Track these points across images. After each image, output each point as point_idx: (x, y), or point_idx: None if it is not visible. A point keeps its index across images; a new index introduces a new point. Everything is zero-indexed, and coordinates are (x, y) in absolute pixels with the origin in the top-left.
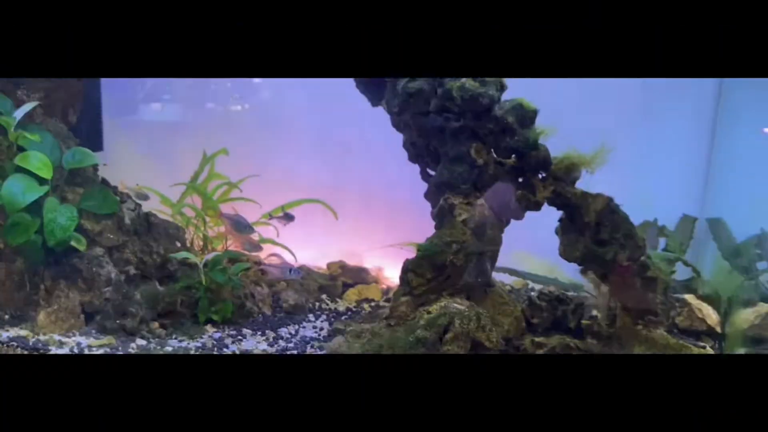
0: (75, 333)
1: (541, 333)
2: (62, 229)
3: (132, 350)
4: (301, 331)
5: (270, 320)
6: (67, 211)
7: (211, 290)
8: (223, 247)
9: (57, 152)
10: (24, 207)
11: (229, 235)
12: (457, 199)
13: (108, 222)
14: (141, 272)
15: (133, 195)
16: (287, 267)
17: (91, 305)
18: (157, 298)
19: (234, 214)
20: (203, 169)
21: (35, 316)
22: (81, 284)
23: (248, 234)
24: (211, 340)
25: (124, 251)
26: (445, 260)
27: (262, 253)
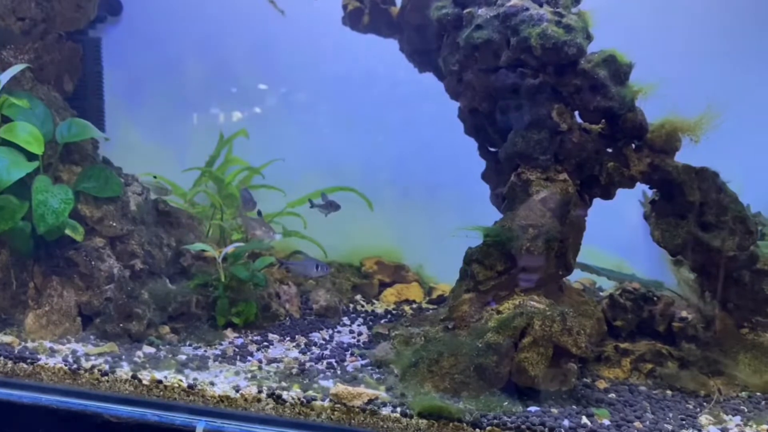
0: (70, 339)
1: (626, 337)
2: (55, 214)
3: (138, 359)
4: (336, 337)
5: (299, 324)
6: (60, 192)
7: (232, 288)
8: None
9: (49, 124)
10: (9, 187)
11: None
12: (534, 174)
13: (110, 207)
14: (149, 267)
15: (152, 189)
16: (313, 263)
17: (89, 306)
18: (167, 297)
19: (242, 188)
20: (220, 152)
21: (22, 319)
22: (77, 281)
23: (251, 209)
24: (232, 347)
25: (129, 242)
26: (520, 248)
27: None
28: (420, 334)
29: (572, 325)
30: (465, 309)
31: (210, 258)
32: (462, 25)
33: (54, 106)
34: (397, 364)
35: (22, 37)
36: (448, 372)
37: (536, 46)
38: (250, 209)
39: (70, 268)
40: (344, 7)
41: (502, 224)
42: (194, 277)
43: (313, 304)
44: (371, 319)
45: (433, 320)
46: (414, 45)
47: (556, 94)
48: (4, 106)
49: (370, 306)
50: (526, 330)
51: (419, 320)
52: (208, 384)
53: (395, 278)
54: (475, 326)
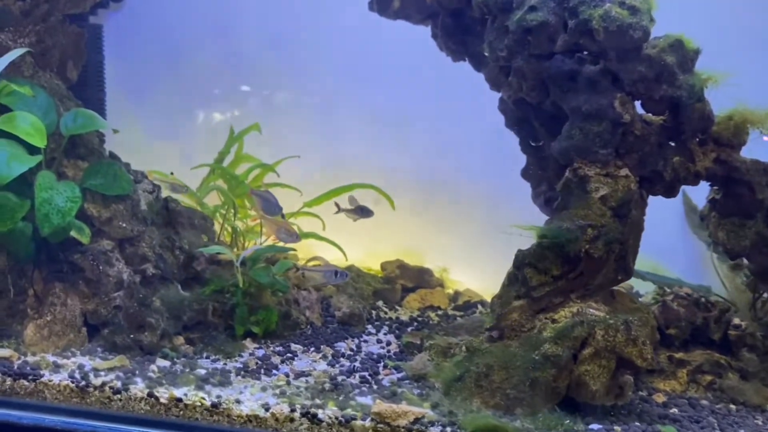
0: (74, 351)
1: (679, 347)
2: (60, 214)
3: (152, 374)
4: (363, 347)
5: (321, 332)
6: (66, 189)
7: (250, 295)
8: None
9: (52, 114)
10: (7, 183)
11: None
12: (593, 169)
13: (119, 207)
14: (161, 272)
15: (166, 187)
16: (332, 270)
17: (95, 315)
18: (182, 305)
19: (263, 190)
20: (230, 149)
21: (21, 330)
22: (83, 287)
23: (276, 214)
24: (254, 359)
25: (140, 245)
26: (579, 250)
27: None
28: (459, 344)
29: (637, 334)
30: (515, 317)
31: (225, 262)
32: (511, 7)
33: (57, 95)
34: (438, 378)
35: (22, 18)
36: (500, 387)
37: (598, 29)
38: (273, 213)
39: (74, 273)
40: None
41: (558, 224)
42: (209, 283)
43: (335, 311)
44: (397, 326)
45: (469, 328)
46: (449, 31)
47: (617, 82)
48: (2, 93)
49: (393, 312)
50: (587, 340)
51: (453, 328)
52: (233, 402)
53: (418, 283)
54: (528, 336)
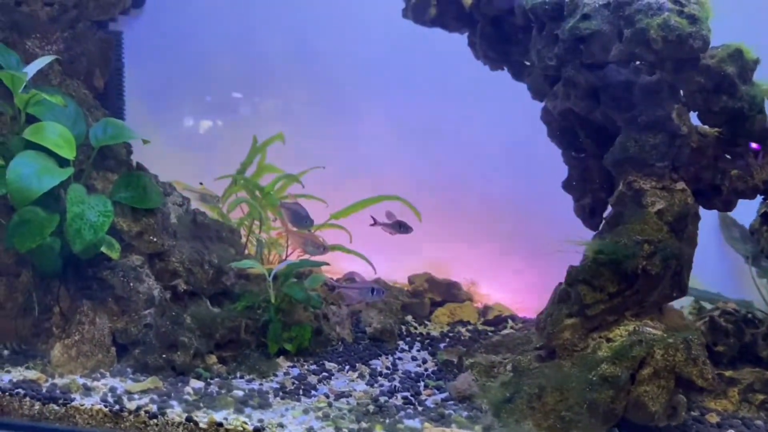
0: (104, 373)
1: (727, 364)
2: (92, 229)
3: (188, 396)
4: (399, 364)
5: (353, 349)
6: (98, 203)
7: (283, 311)
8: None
9: (81, 124)
10: (39, 197)
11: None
12: (648, 183)
13: (150, 220)
14: (192, 288)
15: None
16: (368, 287)
17: (125, 334)
18: (214, 322)
19: (292, 202)
20: (253, 159)
21: (47, 349)
22: (112, 305)
23: (307, 227)
24: (290, 378)
25: (170, 260)
26: (636, 267)
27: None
28: (503, 363)
29: (698, 353)
30: (567, 336)
31: (253, 276)
32: (562, 15)
33: (85, 104)
34: (484, 399)
35: (50, 24)
36: (554, 408)
37: (656, 38)
38: (304, 226)
39: (103, 290)
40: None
41: (615, 240)
42: (238, 298)
43: (366, 326)
44: (429, 343)
45: (509, 346)
46: (489, 39)
47: (674, 93)
48: (30, 103)
49: (423, 327)
50: (646, 360)
51: (493, 346)
52: (276, 426)
53: (446, 297)
54: (582, 356)
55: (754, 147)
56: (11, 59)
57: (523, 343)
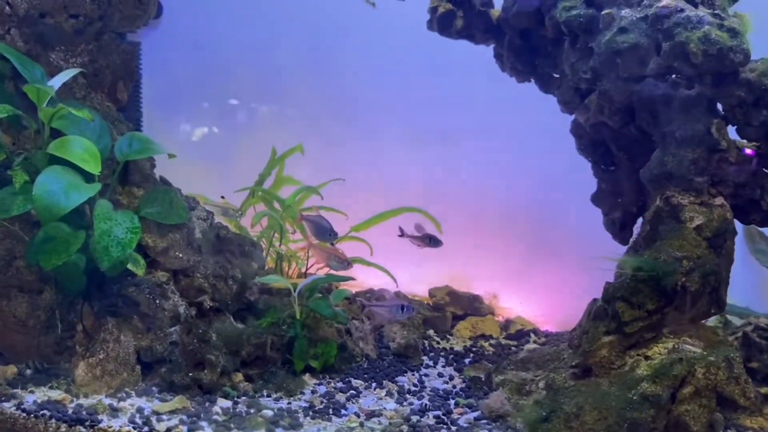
0: (129, 392)
1: (761, 380)
2: (120, 246)
3: (218, 417)
4: (426, 381)
5: (378, 365)
6: (125, 219)
7: (308, 327)
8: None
9: (106, 138)
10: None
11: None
12: (686, 198)
13: (176, 236)
14: (217, 305)
15: (218, 212)
16: (398, 305)
17: (150, 352)
18: (240, 339)
19: (315, 214)
20: (271, 171)
21: (71, 368)
22: (137, 323)
23: (330, 240)
24: (318, 397)
25: (195, 276)
26: (675, 284)
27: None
28: (534, 380)
29: (739, 372)
30: (604, 354)
31: (276, 290)
32: (597, 28)
33: (109, 117)
34: (519, 418)
35: (75, 36)
36: (592, 428)
37: (696, 52)
38: (327, 239)
39: (128, 307)
40: (432, 11)
41: (654, 256)
42: (263, 314)
43: (389, 342)
44: (454, 358)
45: (539, 362)
46: (516, 51)
47: (712, 107)
48: (55, 117)
49: (445, 342)
50: (687, 378)
51: (522, 362)
52: None
53: (468, 310)
54: (620, 374)
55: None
56: (36, 72)
57: (552, 360)
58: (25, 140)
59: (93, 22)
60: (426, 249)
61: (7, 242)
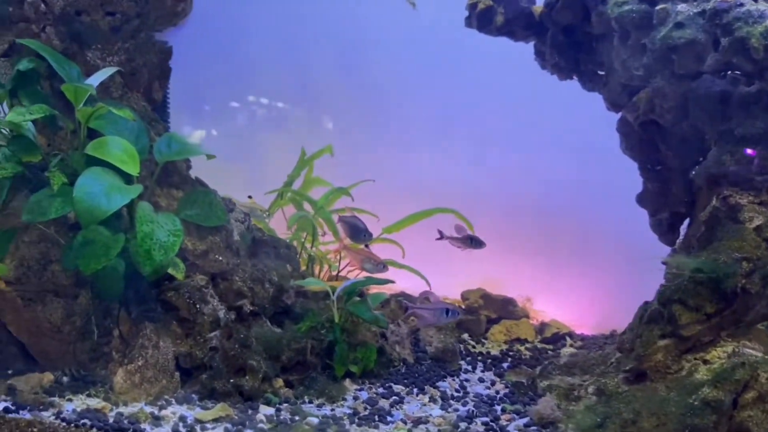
0: (169, 399)
1: None
2: (163, 250)
3: (262, 425)
4: (467, 386)
5: (416, 370)
6: (167, 222)
7: (347, 331)
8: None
9: (144, 139)
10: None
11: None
12: (745, 198)
13: (215, 238)
14: (257, 309)
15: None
16: (443, 308)
17: (190, 358)
18: (280, 344)
19: (350, 215)
20: (300, 172)
21: (107, 375)
22: (176, 328)
23: (365, 241)
24: (361, 403)
25: (233, 279)
26: (735, 286)
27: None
28: (583, 385)
29: None
30: (659, 358)
31: (312, 294)
32: (651, 23)
33: (145, 117)
34: (570, 424)
35: (111, 34)
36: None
37: (758, 47)
38: (362, 241)
39: (167, 312)
40: (471, 7)
41: (714, 257)
42: (300, 318)
43: (426, 345)
44: (492, 362)
45: (583, 366)
46: (560, 48)
47: None
48: (92, 117)
49: (480, 346)
50: (749, 383)
51: (566, 367)
52: None
53: (502, 313)
54: (677, 379)
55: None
56: (72, 71)
57: (598, 364)
58: (60, 141)
59: (130, 20)
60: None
61: (42, 245)
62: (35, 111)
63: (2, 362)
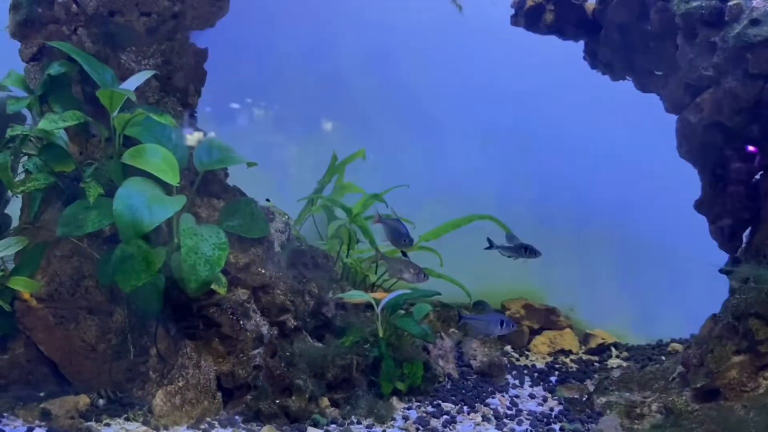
0: (212, 423)
1: None
2: (208, 264)
3: None
4: (518, 403)
5: (462, 386)
6: (211, 234)
7: (392, 345)
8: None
9: (183, 146)
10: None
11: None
12: None
13: (258, 250)
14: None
15: None
16: (497, 319)
17: (232, 377)
18: (325, 361)
19: (393, 219)
20: (331, 177)
21: (144, 396)
22: (217, 345)
23: (407, 246)
24: (412, 423)
25: (275, 293)
26: None
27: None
28: (645, 402)
29: None
30: (734, 375)
31: (351, 306)
32: (721, 21)
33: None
34: None
35: (147, 36)
36: None
37: None
38: (403, 246)
39: (209, 329)
40: (518, 5)
41: None
42: (341, 332)
43: (470, 359)
44: (539, 376)
45: (641, 381)
46: (613, 47)
47: None
48: (128, 123)
49: (524, 359)
50: None
51: (623, 382)
52: None
53: (544, 324)
54: (754, 397)
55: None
56: (106, 75)
57: (657, 379)
58: (93, 149)
59: (166, 21)
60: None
61: (75, 260)
62: (68, 118)
63: (34, 384)
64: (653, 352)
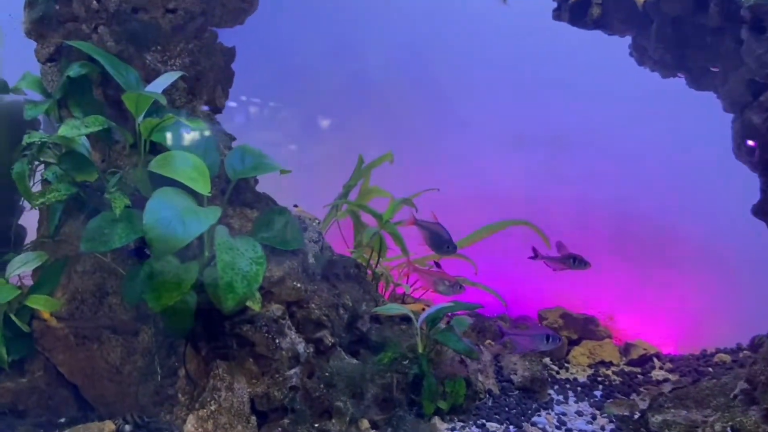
0: None
1: None
2: (246, 281)
3: None
4: (566, 421)
5: (504, 402)
6: (247, 248)
7: (432, 362)
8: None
9: (214, 153)
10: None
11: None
12: None
13: (293, 263)
14: (338, 340)
15: None
16: (542, 333)
17: (266, 399)
18: (363, 379)
19: (433, 222)
20: (357, 181)
21: (172, 420)
22: (251, 365)
23: (449, 254)
24: None
25: (310, 307)
26: None
27: None
28: (707, 422)
29: None
30: None
31: (385, 319)
32: None
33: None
34: None
35: (173, 34)
36: None
37: None
38: (444, 252)
39: (242, 348)
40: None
41: None
42: (377, 347)
43: (510, 374)
44: (582, 391)
45: (697, 398)
46: (666, 42)
47: None
48: (155, 128)
49: (564, 371)
50: None
51: (678, 399)
52: None
53: (583, 334)
54: None
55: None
56: (130, 77)
57: (715, 395)
58: (116, 156)
59: (194, 18)
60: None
61: (98, 276)
62: (91, 123)
63: (54, 410)
64: (698, 363)
